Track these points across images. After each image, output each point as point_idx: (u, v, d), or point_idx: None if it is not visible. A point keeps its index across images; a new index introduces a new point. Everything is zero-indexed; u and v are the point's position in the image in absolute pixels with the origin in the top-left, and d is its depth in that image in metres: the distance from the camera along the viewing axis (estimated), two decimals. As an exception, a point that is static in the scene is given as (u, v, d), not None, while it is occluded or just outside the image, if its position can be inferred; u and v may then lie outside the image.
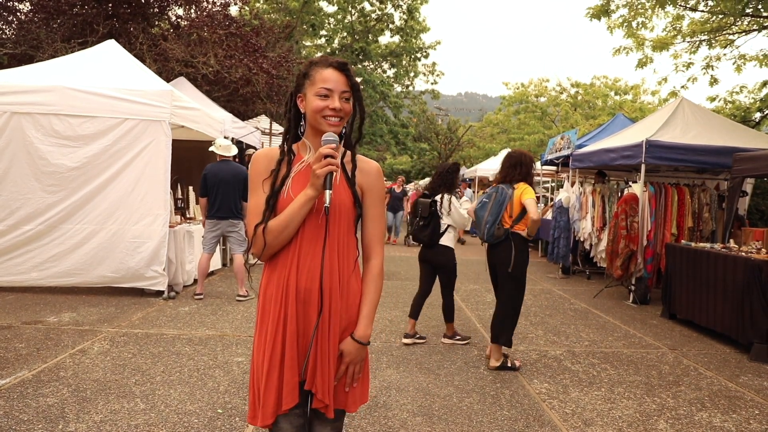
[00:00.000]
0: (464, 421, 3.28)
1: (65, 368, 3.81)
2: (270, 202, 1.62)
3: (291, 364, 1.60)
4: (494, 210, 4.19)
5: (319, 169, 1.52)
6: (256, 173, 1.67)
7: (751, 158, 5.97)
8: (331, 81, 1.60)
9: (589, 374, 4.26)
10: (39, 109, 5.85)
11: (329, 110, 1.59)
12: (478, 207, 4.36)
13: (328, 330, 1.62)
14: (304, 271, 1.61)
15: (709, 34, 10.48)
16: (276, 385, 1.60)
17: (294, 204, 1.58)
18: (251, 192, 1.68)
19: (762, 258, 5.02)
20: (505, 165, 4.38)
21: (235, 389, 3.59)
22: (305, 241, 1.62)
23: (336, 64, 1.62)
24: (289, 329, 1.60)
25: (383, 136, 24.91)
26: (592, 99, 25.85)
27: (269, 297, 1.64)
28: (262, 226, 1.59)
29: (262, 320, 1.66)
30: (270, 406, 1.59)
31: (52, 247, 5.95)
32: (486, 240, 4.27)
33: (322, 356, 1.62)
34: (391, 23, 24.85)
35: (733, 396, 3.94)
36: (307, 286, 1.60)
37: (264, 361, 1.61)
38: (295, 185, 1.64)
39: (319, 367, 1.61)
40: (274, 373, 1.60)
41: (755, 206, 10.29)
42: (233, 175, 6.26)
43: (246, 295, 6.29)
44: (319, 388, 1.61)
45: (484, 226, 4.23)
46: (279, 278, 1.63)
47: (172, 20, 12.57)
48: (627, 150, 7.29)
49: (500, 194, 4.22)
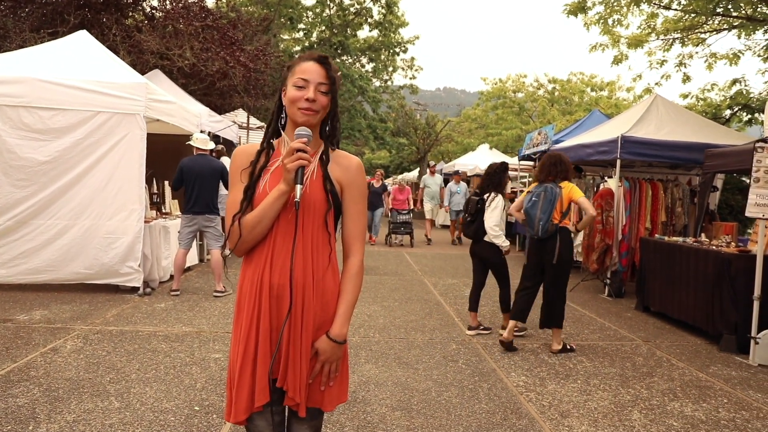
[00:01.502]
0: (443, 414, 3.31)
1: (36, 367, 3.72)
2: (248, 192, 1.62)
3: (264, 361, 1.59)
4: (546, 207, 4.54)
5: (289, 164, 1.51)
6: (236, 167, 1.68)
7: (721, 154, 6.12)
8: (308, 72, 1.59)
9: (565, 367, 4.33)
10: (7, 101, 5.67)
11: (303, 101, 1.58)
12: (528, 206, 4.68)
13: (301, 326, 1.60)
14: (277, 266, 1.60)
15: (682, 33, 10.68)
16: (249, 382, 1.58)
17: (267, 198, 1.57)
18: (231, 186, 1.69)
19: (731, 252, 5.15)
20: (545, 164, 4.75)
21: (212, 386, 3.55)
22: (279, 237, 1.61)
23: (317, 57, 1.63)
24: (262, 326, 1.59)
25: (362, 131, 24.83)
26: (568, 95, 26.18)
27: (244, 293, 1.64)
28: (239, 218, 1.59)
29: (238, 316, 1.66)
30: (243, 402, 1.58)
31: (22, 243, 5.79)
32: (540, 235, 4.60)
33: (293, 353, 1.60)
34: (369, 17, 24.75)
35: (703, 386, 4.04)
36: (280, 282, 1.59)
37: (237, 357, 1.61)
38: (273, 180, 1.62)
39: (290, 364, 1.60)
40: (247, 369, 1.58)
41: (725, 201, 10.55)
42: (210, 169, 6.18)
43: (223, 291, 6.22)
44: (290, 385, 1.60)
45: (537, 223, 4.58)
46: (253, 274, 1.62)
47: (146, 11, 12.31)
48: (603, 145, 7.41)
49: (549, 193, 4.57)
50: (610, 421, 3.32)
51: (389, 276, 8.08)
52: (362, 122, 24.75)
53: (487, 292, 7.30)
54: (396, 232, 12.30)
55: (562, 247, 4.58)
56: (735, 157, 5.81)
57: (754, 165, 4.61)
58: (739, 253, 5.08)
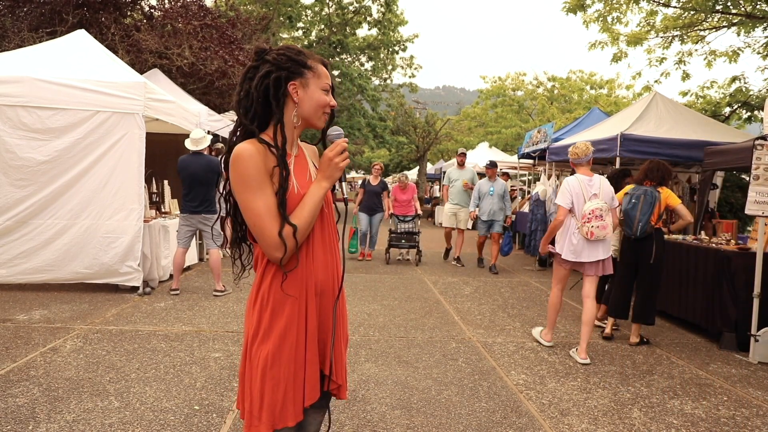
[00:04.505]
0: (443, 413, 3.30)
1: (36, 367, 3.72)
2: (282, 197, 1.54)
3: (313, 360, 1.63)
4: (645, 210, 4.79)
5: (341, 162, 1.58)
6: (256, 171, 1.52)
7: (721, 152, 6.11)
8: (329, 78, 1.64)
9: (565, 365, 4.33)
10: (6, 100, 5.67)
11: (329, 107, 1.63)
12: (629, 207, 4.89)
13: (341, 315, 1.73)
14: (320, 263, 1.64)
15: (682, 30, 10.67)
16: (302, 383, 1.61)
17: (314, 198, 1.59)
18: (253, 191, 1.52)
19: (731, 249, 5.15)
20: (646, 168, 5.02)
21: (212, 385, 3.55)
22: (316, 234, 1.65)
23: (326, 63, 1.67)
24: (309, 324, 1.62)
25: (361, 130, 24.78)
26: (568, 93, 26.15)
27: (283, 294, 1.59)
28: (293, 230, 1.52)
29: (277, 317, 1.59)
30: (300, 403, 1.61)
31: (22, 243, 5.79)
32: (639, 236, 4.84)
33: (337, 341, 1.70)
34: (368, 16, 24.68)
35: (703, 384, 4.04)
36: (324, 278, 1.65)
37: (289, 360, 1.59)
38: (301, 181, 1.65)
39: (335, 351, 1.69)
40: (300, 371, 1.62)
41: (725, 199, 10.55)
42: (205, 168, 6.11)
43: (223, 290, 6.22)
44: (335, 369, 1.69)
45: (636, 224, 4.83)
46: (294, 275, 1.59)
47: (145, 10, 12.28)
48: (602, 143, 7.40)
49: (649, 196, 4.82)
50: (609, 419, 3.32)
51: (388, 275, 8.08)
52: (361, 121, 24.71)
53: (487, 290, 7.30)
54: (397, 245, 9.33)
55: (658, 248, 4.88)
56: (734, 155, 5.81)
57: (754, 162, 4.61)
58: (738, 251, 5.08)
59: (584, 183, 4.49)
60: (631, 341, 5.00)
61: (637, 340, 4.99)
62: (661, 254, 4.94)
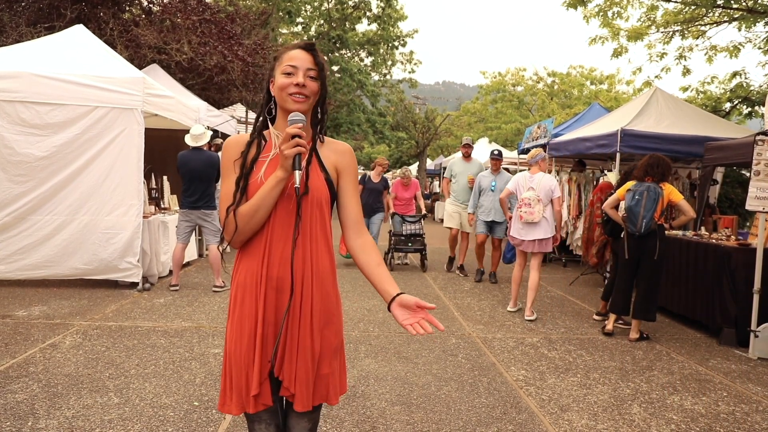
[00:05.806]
0: (442, 409, 3.30)
1: (35, 363, 3.72)
2: (240, 183, 1.59)
3: (263, 355, 1.58)
4: (649, 206, 4.80)
5: (287, 150, 1.49)
6: (228, 159, 1.65)
7: (721, 147, 6.10)
8: (296, 59, 1.59)
9: (565, 361, 4.33)
10: (4, 96, 5.64)
11: (293, 86, 1.57)
12: (632, 204, 4.89)
13: (299, 317, 1.60)
14: (276, 257, 1.58)
15: (682, 25, 10.63)
16: (255, 379, 1.58)
17: (264, 186, 1.55)
18: (223, 178, 1.65)
19: (731, 245, 5.14)
20: (645, 164, 5.00)
21: (211, 381, 3.55)
22: (277, 226, 1.59)
23: (303, 45, 1.62)
24: (265, 318, 1.58)
25: (361, 125, 24.74)
26: (568, 88, 26.11)
27: (242, 285, 1.61)
28: (233, 209, 1.56)
29: (234, 308, 1.63)
30: (242, 397, 1.60)
31: (21, 238, 5.78)
32: (643, 232, 4.84)
33: (291, 344, 1.59)
34: (368, 11, 24.61)
35: (703, 379, 4.04)
36: (280, 274, 1.58)
37: (240, 353, 1.59)
38: (269, 171, 1.60)
39: (287, 354, 1.59)
40: (251, 366, 1.58)
41: (725, 194, 10.54)
42: (204, 164, 6.10)
43: (222, 286, 6.21)
44: (285, 375, 1.59)
45: (641, 220, 4.83)
46: (252, 266, 1.60)
47: (143, 5, 12.22)
48: (602, 139, 7.38)
49: (652, 192, 4.81)
50: (609, 415, 3.32)
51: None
52: (361, 116, 24.66)
53: (487, 286, 7.30)
54: (401, 249, 8.40)
55: (661, 244, 4.89)
56: (735, 150, 5.79)
57: (755, 158, 4.60)
58: (738, 247, 5.08)
59: (527, 178, 5.71)
60: (630, 337, 5.00)
61: (636, 336, 4.99)
62: (664, 250, 4.95)
